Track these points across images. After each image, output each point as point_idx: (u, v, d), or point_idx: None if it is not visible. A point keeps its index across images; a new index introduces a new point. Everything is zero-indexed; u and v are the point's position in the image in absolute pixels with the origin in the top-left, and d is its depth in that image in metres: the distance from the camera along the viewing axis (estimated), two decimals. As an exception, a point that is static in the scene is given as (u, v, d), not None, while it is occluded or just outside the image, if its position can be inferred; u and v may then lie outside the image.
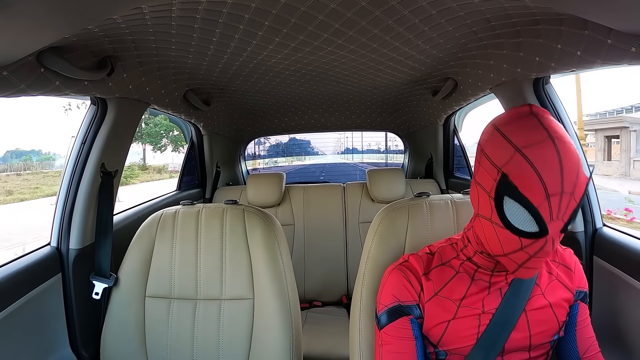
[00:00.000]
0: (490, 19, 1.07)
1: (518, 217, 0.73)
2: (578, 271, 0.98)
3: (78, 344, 1.36)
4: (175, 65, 1.50)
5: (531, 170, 0.71)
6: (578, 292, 0.97)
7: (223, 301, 1.34)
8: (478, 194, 0.82)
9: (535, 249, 0.74)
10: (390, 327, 0.94)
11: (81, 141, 1.40)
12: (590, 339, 0.97)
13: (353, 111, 2.91)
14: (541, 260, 0.75)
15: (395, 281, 0.97)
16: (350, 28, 1.17)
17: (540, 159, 0.71)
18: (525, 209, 0.72)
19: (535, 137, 0.72)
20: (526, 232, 0.73)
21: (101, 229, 1.43)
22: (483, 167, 0.80)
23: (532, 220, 0.72)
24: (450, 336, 0.92)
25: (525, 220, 0.73)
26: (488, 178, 0.78)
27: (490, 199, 0.78)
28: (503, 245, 0.78)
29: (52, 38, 0.86)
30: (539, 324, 0.91)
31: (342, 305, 2.45)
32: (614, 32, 0.82)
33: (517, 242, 0.75)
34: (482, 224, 0.82)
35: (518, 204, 0.73)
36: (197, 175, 2.86)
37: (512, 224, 0.74)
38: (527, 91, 1.32)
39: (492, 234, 0.79)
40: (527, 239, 0.74)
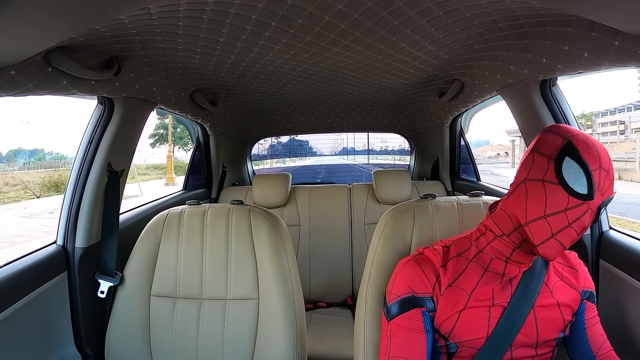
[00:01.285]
0: (497, 20, 1.07)
1: (573, 176, 0.81)
2: (583, 272, 1.01)
3: (83, 342, 1.37)
4: (182, 66, 1.51)
5: (591, 143, 0.82)
6: (584, 292, 0.99)
7: (228, 301, 1.34)
8: (533, 159, 0.88)
9: (576, 214, 0.81)
10: (400, 318, 0.95)
11: (88, 140, 1.41)
12: (602, 337, 0.98)
13: (359, 112, 2.91)
14: (571, 237, 0.82)
15: (411, 272, 0.98)
16: (356, 29, 1.17)
17: (595, 144, 0.83)
18: (582, 170, 0.81)
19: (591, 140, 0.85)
20: (576, 192, 0.81)
21: (107, 228, 1.43)
22: (545, 140, 0.88)
23: (584, 181, 0.81)
24: (461, 327, 0.92)
25: (578, 181, 0.81)
26: (550, 146, 0.86)
27: (549, 160, 0.85)
28: (548, 204, 0.83)
29: (59, 38, 0.87)
30: (546, 322, 0.93)
31: (347, 307, 2.44)
32: (622, 33, 0.82)
33: (564, 201, 0.82)
34: (528, 187, 0.87)
35: (577, 164, 0.81)
36: (203, 175, 2.86)
37: (567, 180, 0.82)
38: (534, 93, 1.31)
39: (538, 194, 0.85)
40: (574, 198, 0.81)
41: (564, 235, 0.81)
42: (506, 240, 0.92)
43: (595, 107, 50.10)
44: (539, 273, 0.93)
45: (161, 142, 31.83)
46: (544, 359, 0.96)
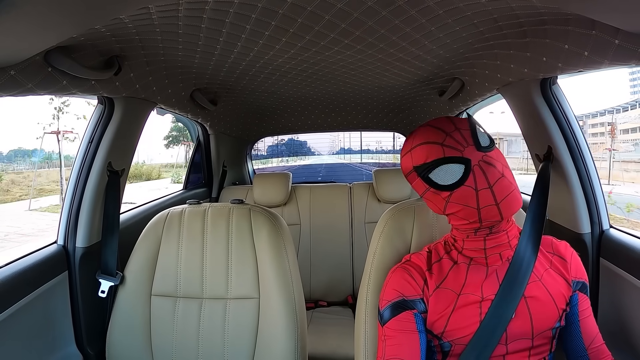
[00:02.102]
0: (497, 18, 1.07)
1: (447, 175, 0.89)
2: (575, 262, 1.01)
3: (84, 342, 1.37)
4: (182, 65, 1.51)
5: (425, 145, 0.90)
6: (575, 282, 0.99)
7: (228, 300, 1.34)
8: (430, 200, 0.97)
9: (482, 179, 0.87)
10: (393, 321, 0.96)
11: (88, 140, 1.41)
12: (594, 330, 0.98)
13: (359, 111, 2.90)
14: (503, 184, 0.87)
15: (399, 278, 0.99)
16: (357, 28, 1.17)
17: (424, 131, 0.93)
18: (442, 164, 0.88)
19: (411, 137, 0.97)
20: (462, 176, 0.87)
21: (108, 227, 1.44)
22: (415, 187, 0.99)
23: (453, 165, 0.88)
24: (453, 326, 0.93)
25: (451, 173, 0.88)
26: (417, 186, 0.97)
27: (429, 190, 0.94)
28: (469, 203, 0.88)
29: (59, 38, 0.87)
30: (539, 311, 0.93)
31: (348, 306, 2.45)
32: (622, 32, 0.82)
33: (470, 190, 0.87)
34: (450, 210, 0.93)
35: (434, 168, 0.89)
36: (204, 174, 2.87)
37: (449, 183, 0.89)
38: (534, 91, 1.31)
39: (457, 207, 0.91)
40: (467, 178, 0.87)
41: (499, 192, 0.86)
42: (475, 237, 0.95)
43: (586, 109, 51.46)
44: (527, 263, 0.93)
45: (175, 143, 32.82)
46: (541, 351, 0.96)
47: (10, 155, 29.55)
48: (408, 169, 0.96)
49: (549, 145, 1.32)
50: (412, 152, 0.93)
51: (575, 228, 1.34)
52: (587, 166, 1.32)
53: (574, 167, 1.31)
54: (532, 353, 0.95)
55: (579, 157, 1.31)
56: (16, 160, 26.75)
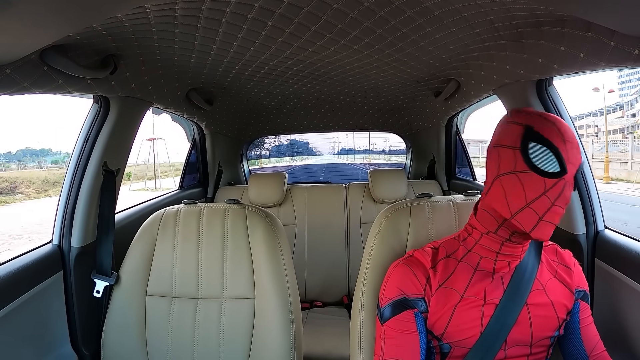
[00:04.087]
0: (493, 20, 1.07)
1: (542, 158, 0.83)
2: (577, 271, 1.01)
3: (79, 342, 1.37)
4: (178, 65, 1.50)
5: (550, 122, 0.84)
6: (578, 291, 0.99)
7: (224, 300, 1.34)
8: (499, 154, 0.88)
9: (556, 192, 0.82)
10: (393, 321, 0.95)
11: (83, 139, 1.40)
12: (596, 337, 0.98)
13: (356, 111, 2.91)
14: (557, 214, 0.82)
15: (401, 274, 0.98)
16: (354, 28, 1.17)
17: (555, 119, 0.85)
18: (549, 149, 0.82)
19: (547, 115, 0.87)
20: (549, 172, 0.82)
21: (103, 227, 1.43)
22: (504, 131, 0.89)
23: (554, 160, 0.82)
24: (454, 328, 0.93)
25: (548, 161, 0.82)
26: (511, 136, 0.87)
27: (515, 150, 0.85)
28: (526, 192, 0.83)
29: (55, 36, 0.86)
30: (540, 319, 0.93)
31: (343, 306, 2.45)
32: (617, 34, 0.82)
33: (541, 185, 0.82)
34: (502, 182, 0.87)
35: (542, 145, 0.83)
36: (199, 174, 2.86)
37: (538, 165, 0.82)
38: (530, 93, 1.32)
39: (514, 186, 0.85)
40: (550, 179, 0.82)
41: (550, 214, 0.82)
42: (493, 236, 0.92)
43: (572, 111, 52.58)
44: (531, 270, 0.93)
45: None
46: (538, 358, 0.96)
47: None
48: (519, 120, 0.88)
49: None
50: (537, 115, 0.86)
51: (570, 229, 1.34)
52: (582, 167, 1.33)
53: None
54: (529, 359, 0.95)
55: None
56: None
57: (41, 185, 19.49)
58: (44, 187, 19.39)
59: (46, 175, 21.08)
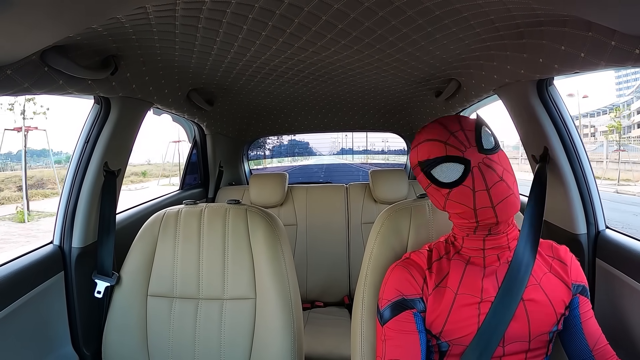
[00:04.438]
0: (494, 20, 1.07)
1: (447, 174, 0.91)
2: (574, 266, 1.01)
3: (80, 342, 1.37)
4: (179, 65, 1.50)
5: (424, 137, 0.94)
6: (575, 285, 0.99)
7: (225, 301, 1.34)
8: (432, 195, 0.98)
9: (479, 180, 0.88)
10: (393, 322, 0.96)
11: (84, 140, 1.40)
12: (598, 331, 0.98)
13: (356, 112, 2.90)
14: (500, 189, 0.87)
15: (399, 276, 1.00)
16: (354, 28, 1.17)
17: (425, 130, 0.96)
18: (443, 162, 0.90)
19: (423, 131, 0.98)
20: (461, 175, 0.89)
21: (104, 227, 1.43)
22: (419, 180, 1.00)
23: (454, 164, 0.90)
24: (452, 326, 0.93)
25: (450, 170, 0.90)
26: (421, 180, 0.98)
27: (430, 185, 0.95)
28: (465, 203, 0.90)
29: (55, 37, 0.86)
30: (537, 314, 0.94)
31: (344, 306, 2.45)
32: (618, 33, 0.82)
33: (467, 190, 0.89)
34: (449, 208, 0.95)
35: (436, 165, 0.91)
36: (200, 174, 2.86)
37: (448, 181, 0.91)
38: (531, 92, 1.32)
39: (455, 205, 0.92)
40: (466, 178, 0.89)
41: (495, 196, 0.87)
42: (474, 237, 0.95)
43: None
44: (526, 265, 0.94)
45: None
46: (538, 354, 0.96)
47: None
48: (413, 163, 0.98)
49: (545, 146, 1.33)
50: (418, 147, 0.96)
51: (571, 229, 1.34)
52: (583, 167, 1.33)
53: (570, 168, 1.32)
54: (528, 356, 0.95)
55: (575, 158, 1.32)
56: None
57: (62, 182, 20.36)
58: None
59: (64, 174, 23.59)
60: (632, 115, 44.85)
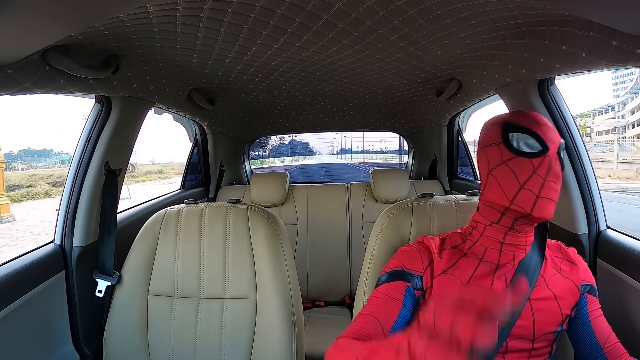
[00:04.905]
0: (495, 19, 1.07)
1: (523, 142, 0.90)
2: (582, 266, 1.02)
3: (81, 341, 1.37)
4: (180, 64, 1.50)
5: (523, 113, 0.93)
6: (583, 285, 1.00)
7: (226, 300, 1.34)
8: (486, 153, 0.95)
9: (544, 169, 0.87)
10: (385, 286, 0.98)
11: (85, 139, 1.40)
12: (607, 329, 0.99)
13: (357, 111, 2.90)
14: (552, 189, 0.88)
15: (406, 252, 1.02)
16: (355, 28, 1.17)
17: (525, 111, 0.95)
18: (527, 134, 0.90)
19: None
20: (533, 152, 0.88)
21: (105, 227, 1.43)
22: (487, 133, 0.97)
23: (534, 141, 0.89)
24: None
25: (529, 143, 0.89)
26: (493, 135, 0.94)
27: (498, 144, 0.92)
28: (518, 176, 0.88)
29: (56, 37, 0.86)
30: (543, 314, 0.94)
31: (345, 306, 2.44)
32: (619, 33, 0.82)
33: (529, 166, 0.88)
34: (495, 175, 0.92)
35: (521, 132, 0.90)
36: (201, 174, 2.86)
37: (521, 149, 0.89)
38: (532, 92, 1.32)
39: (506, 174, 0.90)
40: (535, 158, 0.88)
41: (545, 190, 0.86)
42: (496, 227, 0.95)
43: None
44: (535, 266, 0.94)
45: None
46: (542, 353, 0.96)
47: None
48: (496, 121, 0.96)
49: None
50: (510, 114, 0.96)
51: (573, 229, 1.34)
52: (584, 167, 1.32)
53: (572, 168, 1.32)
54: (532, 354, 0.95)
55: (576, 158, 1.32)
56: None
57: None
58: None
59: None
60: (627, 115, 45.33)
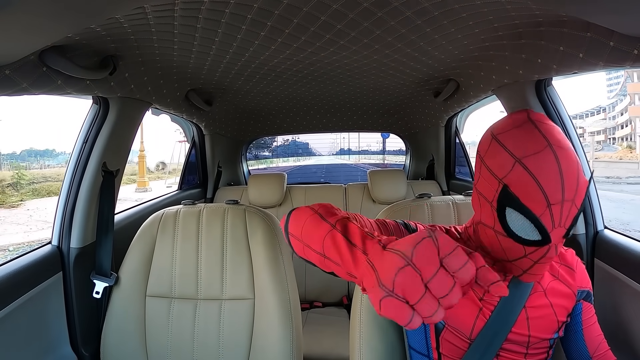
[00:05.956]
0: (492, 20, 1.07)
1: (521, 226, 0.75)
2: (580, 271, 1.00)
3: (78, 343, 1.36)
4: (177, 65, 1.50)
5: (532, 181, 0.72)
6: (580, 291, 0.98)
7: (223, 301, 1.34)
8: (480, 203, 0.85)
9: (538, 255, 0.77)
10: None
11: (83, 140, 1.40)
12: (599, 338, 0.98)
13: (355, 112, 2.90)
14: (545, 266, 0.79)
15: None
16: (352, 29, 1.17)
17: (540, 168, 0.72)
18: (528, 219, 0.74)
19: (534, 146, 0.74)
20: (529, 241, 0.76)
21: (102, 228, 1.43)
22: (483, 176, 0.82)
23: (535, 229, 0.74)
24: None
25: (528, 230, 0.75)
26: (489, 188, 0.80)
27: (492, 209, 0.80)
28: (507, 252, 0.81)
29: (54, 37, 0.86)
30: (538, 322, 0.92)
31: (343, 306, 2.44)
32: (617, 34, 0.82)
33: (521, 250, 0.78)
34: (485, 231, 0.85)
35: (520, 214, 0.75)
36: (199, 175, 2.86)
37: (516, 233, 0.76)
38: (529, 93, 1.32)
39: (495, 242, 0.83)
40: (530, 247, 0.76)
41: (536, 269, 0.79)
42: (486, 255, 0.90)
43: None
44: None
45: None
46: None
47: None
48: (501, 172, 0.77)
49: None
50: (526, 160, 0.74)
51: None
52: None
53: None
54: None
55: None
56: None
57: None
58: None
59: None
60: (617, 116, 46.08)
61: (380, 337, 1.11)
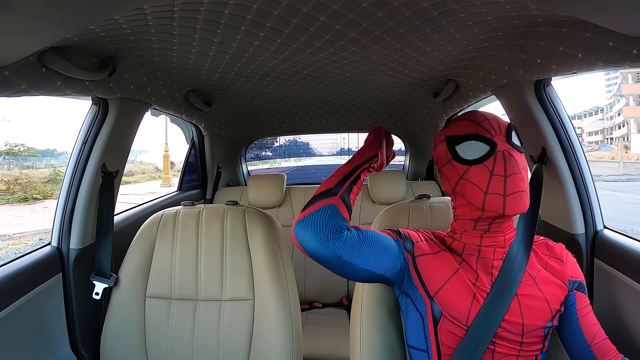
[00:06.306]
0: (491, 20, 1.07)
1: (471, 150, 0.95)
2: (570, 262, 1.04)
3: (78, 344, 1.36)
4: (177, 66, 1.50)
5: (460, 119, 1.01)
6: (571, 281, 1.01)
7: (223, 302, 1.34)
8: (444, 173, 1.03)
9: (500, 166, 0.92)
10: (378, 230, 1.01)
11: (82, 141, 1.40)
12: (595, 326, 0.99)
13: (354, 112, 2.90)
14: (516, 181, 0.91)
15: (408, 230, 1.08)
16: (351, 29, 1.17)
17: (462, 115, 1.03)
18: (471, 139, 0.95)
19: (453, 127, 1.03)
20: (484, 154, 0.94)
21: (102, 229, 1.43)
22: (437, 155, 1.06)
23: (481, 143, 0.95)
24: (446, 294, 0.96)
25: (477, 148, 0.95)
26: (442, 154, 1.03)
27: (450, 161, 1.00)
28: (479, 184, 0.93)
29: (53, 38, 0.86)
30: (531, 310, 0.95)
31: (343, 307, 2.45)
32: (615, 34, 0.82)
33: (484, 170, 0.93)
34: (459, 190, 0.99)
35: (465, 141, 0.96)
36: (198, 175, 2.86)
37: (471, 158, 0.95)
38: (528, 93, 1.32)
39: (467, 186, 0.96)
40: (488, 158, 0.93)
41: (510, 185, 0.90)
42: (472, 232, 0.99)
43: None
44: (520, 263, 0.96)
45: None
46: (532, 350, 0.96)
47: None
48: (439, 138, 1.04)
49: (542, 146, 1.33)
50: (449, 125, 1.03)
51: (569, 229, 1.34)
52: (581, 167, 1.33)
53: (568, 168, 1.32)
54: (522, 349, 0.95)
55: (572, 158, 1.32)
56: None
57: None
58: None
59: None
60: (614, 117, 46.53)
61: (380, 337, 1.11)
